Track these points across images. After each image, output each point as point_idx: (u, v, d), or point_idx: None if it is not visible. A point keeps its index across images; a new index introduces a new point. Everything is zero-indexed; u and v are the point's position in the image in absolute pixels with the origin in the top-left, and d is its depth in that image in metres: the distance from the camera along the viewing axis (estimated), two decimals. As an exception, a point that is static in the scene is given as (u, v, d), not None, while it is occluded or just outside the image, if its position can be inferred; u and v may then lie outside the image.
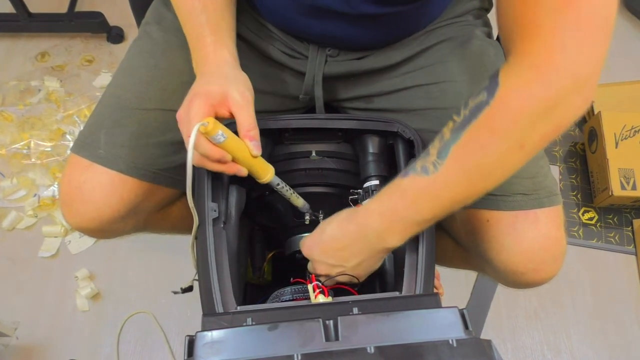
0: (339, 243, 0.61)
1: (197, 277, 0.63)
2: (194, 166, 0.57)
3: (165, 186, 0.73)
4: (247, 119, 0.58)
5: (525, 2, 0.47)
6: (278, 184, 0.67)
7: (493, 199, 0.67)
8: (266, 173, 0.63)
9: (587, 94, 0.48)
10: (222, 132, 0.56)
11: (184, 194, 0.62)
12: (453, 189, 0.53)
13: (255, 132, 0.59)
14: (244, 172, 0.60)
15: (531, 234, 0.65)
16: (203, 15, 0.64)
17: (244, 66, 0.66)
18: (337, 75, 0.77)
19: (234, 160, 0.59)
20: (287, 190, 0.68)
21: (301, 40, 0.76)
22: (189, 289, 0.77)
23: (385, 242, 0.57)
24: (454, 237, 0.76)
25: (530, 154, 0.51)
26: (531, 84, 0.48)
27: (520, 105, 0.48)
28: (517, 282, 0.69)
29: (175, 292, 0.76)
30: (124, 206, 0.69)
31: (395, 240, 0.57)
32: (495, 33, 0.72)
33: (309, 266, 0.67)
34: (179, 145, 0.70)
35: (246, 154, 0.59)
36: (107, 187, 0.68)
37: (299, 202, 0.71)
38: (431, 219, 0.55)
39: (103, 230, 0.71)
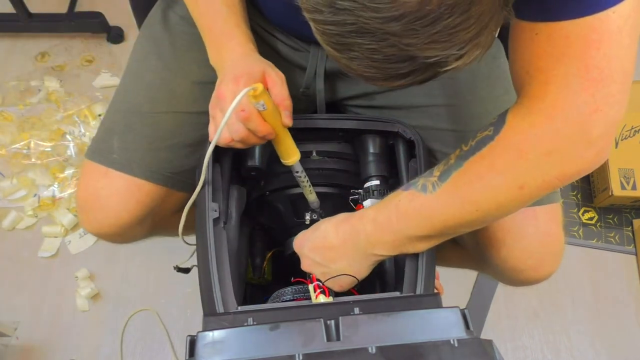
0: (329, 242, 0.61)
1: (196, 265, 0.63)
2: (202, 156, 0.57)
3: (179, 190, 0.73)
4: (282, 91, 0.61)
5: (538, 53, 0.47)
6: (298, 172, 0.67)
7: None
8: (292, 155, 0.64)
9: (600, 149, 0.48)
10: (264, 101, 0.57)
11: None
12: (445, 213, 0.53)
13: (289, 103, 0.61)
14: (273, 135, 0.61)
15: (530, 230, 0.66)
16: (223, 12, 0.65)
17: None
18: (339, 71, 0.77)
19: None
20: (305, 181, 0.69)
21: (302, 39, 0.76)
22: (185, 270, 0.77)
23: (374, 249, 0.58)
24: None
25: (531, 197, 0.51)
26: (536, 126, 0.48)
27: (522, 145, 0.48)
28: (517, 279, 0.70)
29: (176, 269, 0.79)
30: (141, 210, 0.70)
31: (384, 250, 0.58)
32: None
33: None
34: (192, 148, 0.71)
35: (279, 128, 0.61)
36: (124, 192, 0.68)
37: (311, 196, 0.71)
38: (421, 237, 0.55)
39: (121, 235, 0.72)
